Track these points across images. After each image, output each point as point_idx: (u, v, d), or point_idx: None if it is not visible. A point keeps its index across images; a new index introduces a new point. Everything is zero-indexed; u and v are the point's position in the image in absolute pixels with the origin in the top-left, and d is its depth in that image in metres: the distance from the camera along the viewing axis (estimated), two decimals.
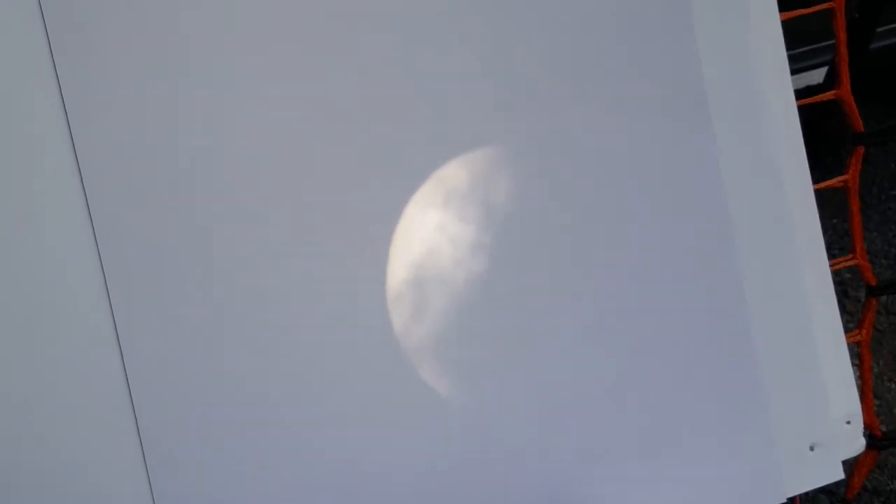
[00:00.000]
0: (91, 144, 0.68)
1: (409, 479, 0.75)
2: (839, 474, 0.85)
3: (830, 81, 0.93)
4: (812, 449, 0.84)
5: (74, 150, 0.68)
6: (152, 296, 0.70)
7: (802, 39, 1.53)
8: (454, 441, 0.76)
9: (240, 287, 0.71)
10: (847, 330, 0.87)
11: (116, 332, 0.69)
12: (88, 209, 0.68)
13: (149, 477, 0.70)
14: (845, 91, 0.89)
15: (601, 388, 0.79)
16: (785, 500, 0.84)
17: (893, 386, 1.55)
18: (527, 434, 0.78)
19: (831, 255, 0.86)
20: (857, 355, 0.95)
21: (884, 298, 1.66)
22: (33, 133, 0.67)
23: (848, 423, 0.85)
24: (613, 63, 0.77)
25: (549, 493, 0.78)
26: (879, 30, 1.53)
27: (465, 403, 0.76)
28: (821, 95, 0.91)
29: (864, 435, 0.87)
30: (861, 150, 0.92)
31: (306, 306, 0.73)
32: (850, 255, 0.93)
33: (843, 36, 0.87)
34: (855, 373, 0.89)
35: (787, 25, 0.85)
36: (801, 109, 0.85)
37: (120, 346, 0.69)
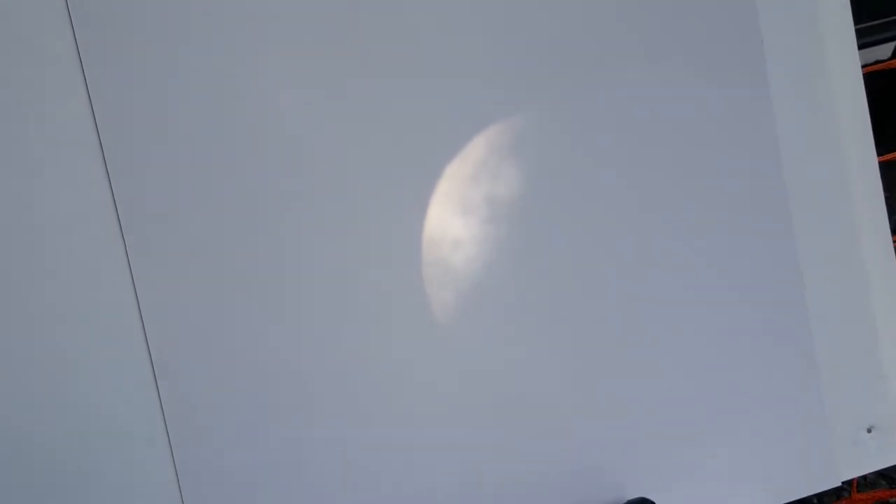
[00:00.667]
0: (116, 132, 0.68)
1: (440, 466, 0.74)
2: None
3: None
4: (869, 431, 0.81)
5: (101, 145, 0.67)
6: (179, 282, 0.69)
7: (872, 13, 1.48)
8: (492, 426, 0.75)
9: (269, 272, 0.70)
10: None
11: (143, 324, 0.69)
12: (115, 200, 0.68)
13: (177, 472, 0.70)
14: None
15: (652, 370, 0.77)
16: (841, 484, 0.81)
17: None
18: (576, 418, 0.76)
19: None
20: None
21: None
22: (58, 128, 0.67)
23: None
24: (668, 32, 0.75)
25: (596, 475, 0.77)
26: None
27: (507, 387, 0.75)
28: (888, 62, 0.88)
29: None
30: None
31: (339, 293, 0.71)
32: None
33: None
34: None
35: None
36: (870, 85, 0.81)
37: (147, 342, 0.69)
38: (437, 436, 0.74)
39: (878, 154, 0.83)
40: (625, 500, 0.77)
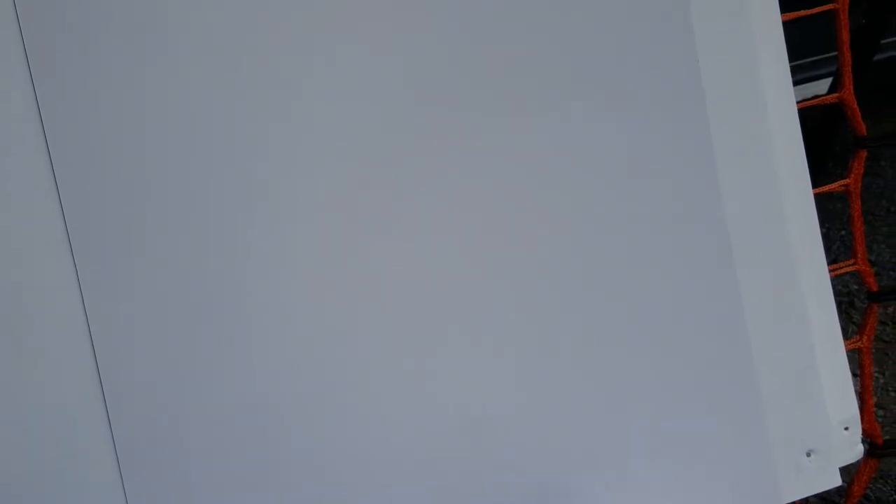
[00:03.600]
0: (65, 145, 0.68)
1: (396, 480, 0.75)
2: (836, 481, 0.83)
3: (835, 88, 0.92)
4: (809, 455, 0.82)
5: (49, 153, 0.67)
6: (127, 293, 0.69)
7: (811, 49, 1.53)
8: (445, 444, 0.75)
9: (217, 285, 0.71)
10: None
11: (91, 337, 0.69)
12: (62, 207, 0.68)
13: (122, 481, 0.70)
14: (848, 94, 0.88)
15: (594, 392, 0.78)
16: None
17: None
18: (522, 440, 0.77)
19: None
20: (860, 363, 0.94)
21: (891, 309, 1.65)
22: (5, 132, 0.67)
23: (846, 429, 0.84)
24: (610, 65, 0.77)
25: (540, 498, 0.77)
26: (886, 41, 1.52)
27: (458, 406, 0.75)
28: (823, 98, 0.91)
29: (864, 442, 0.86)
30: (863, 153, 0.91)
31: (285, 308, 0.72)
32: (852, 260, 0.91)
33: (845, 37, 0.86)
34: (857, 382, 0.88)
35: (795, 34, 0.84)
36: (811, 123, 0.84)
37: (94, 352, 0.69)
38: (391, 453, 0.74)
39: (823, 185, 0.86)
40: None
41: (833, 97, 0.90)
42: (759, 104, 0.81)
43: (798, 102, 0.84)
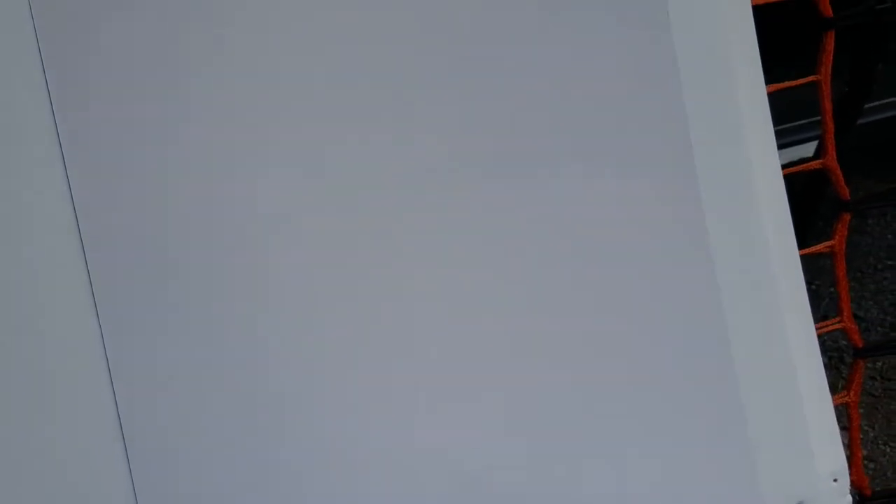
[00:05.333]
0: (78, 147, 0.69)
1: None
2: None
3: (820, 153, 0.96)
4: None
5: (63, 156, 0.69)
6: (139, 295, 0.71)
7: (799, 112, 1.57)
8: (419, 461, 0.78)
9: (227, 286, 0.72)
10: None
11: (102, 337, 0.70)
12: (75, 210, 0.69)
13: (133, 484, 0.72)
14: (831, 160, 0.93)
15: (585, 443, 0.80)
16: None
17: (888, 450, 1.55)
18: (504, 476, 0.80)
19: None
20: (848, 417, 0.97)
21: (880, 364, 1.68)
22: (19, 135, 0.69)
23: (835, 480, 0.87)
24: (600, 131, 0.80)
25: None
26: (870, 105, 1.57)
27: (433, 425, 0.78)
28: (807, 164, 0.95)
29: (853, 493, 0.89)
30: (847, 216, 0.95)
31: (296, 314, 0.74)
32: (837, 318, 0.95)
33: (828, 106, 0.91)
34: (845, 435, 0.91)
35: (783, 99, 0.88)
36: (798, 185, 0.86)
37: (107, 356, 0.71)
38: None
39: (811, 245, 0.90)
40: None
41: (817, 163, 0.94)
42: (745, 169, 0.84)
43: (784, 167, 0.87)
